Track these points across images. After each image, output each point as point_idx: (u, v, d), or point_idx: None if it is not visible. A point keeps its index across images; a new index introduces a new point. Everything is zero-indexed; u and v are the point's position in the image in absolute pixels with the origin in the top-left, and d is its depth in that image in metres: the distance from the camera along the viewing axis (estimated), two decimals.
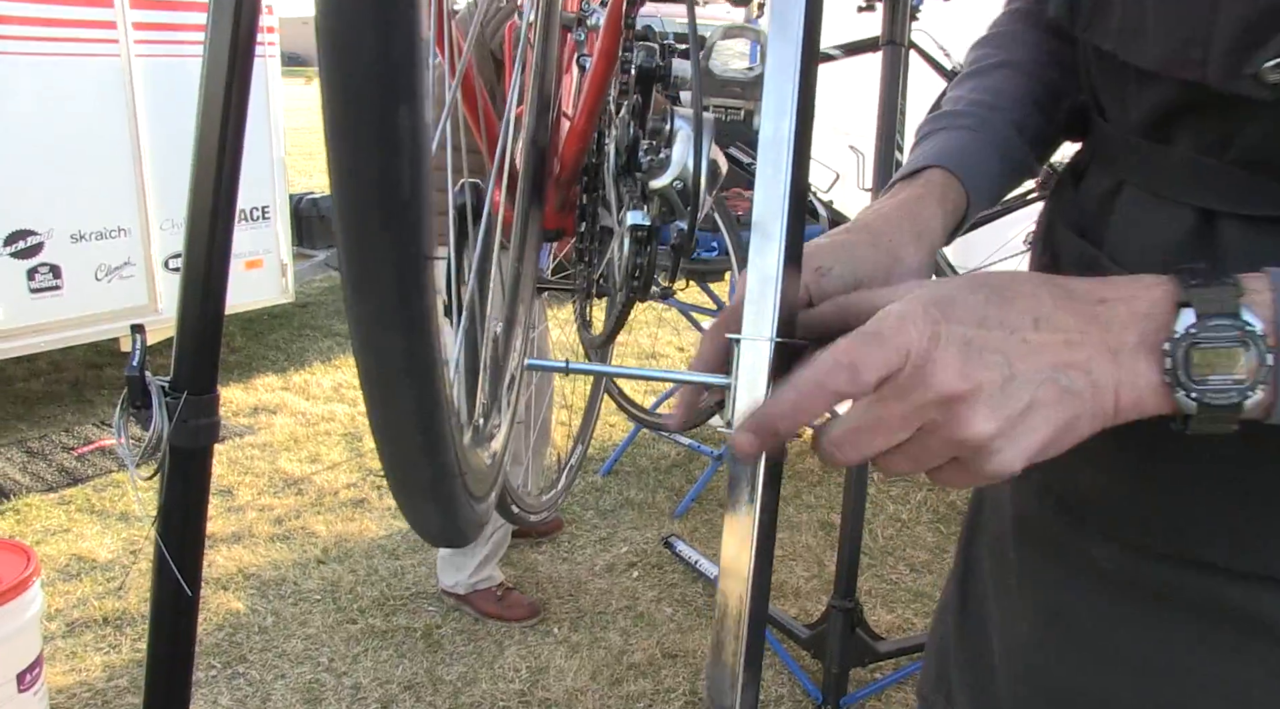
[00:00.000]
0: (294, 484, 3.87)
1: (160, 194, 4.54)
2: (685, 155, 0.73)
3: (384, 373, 0.42)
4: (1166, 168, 0.64)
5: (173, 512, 1.35)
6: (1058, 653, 0.72)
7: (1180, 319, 0.49)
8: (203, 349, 1.31)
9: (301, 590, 3.11)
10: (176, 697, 1.41)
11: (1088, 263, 0.68)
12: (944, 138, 0.77)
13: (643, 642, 2.90)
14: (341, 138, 0.37)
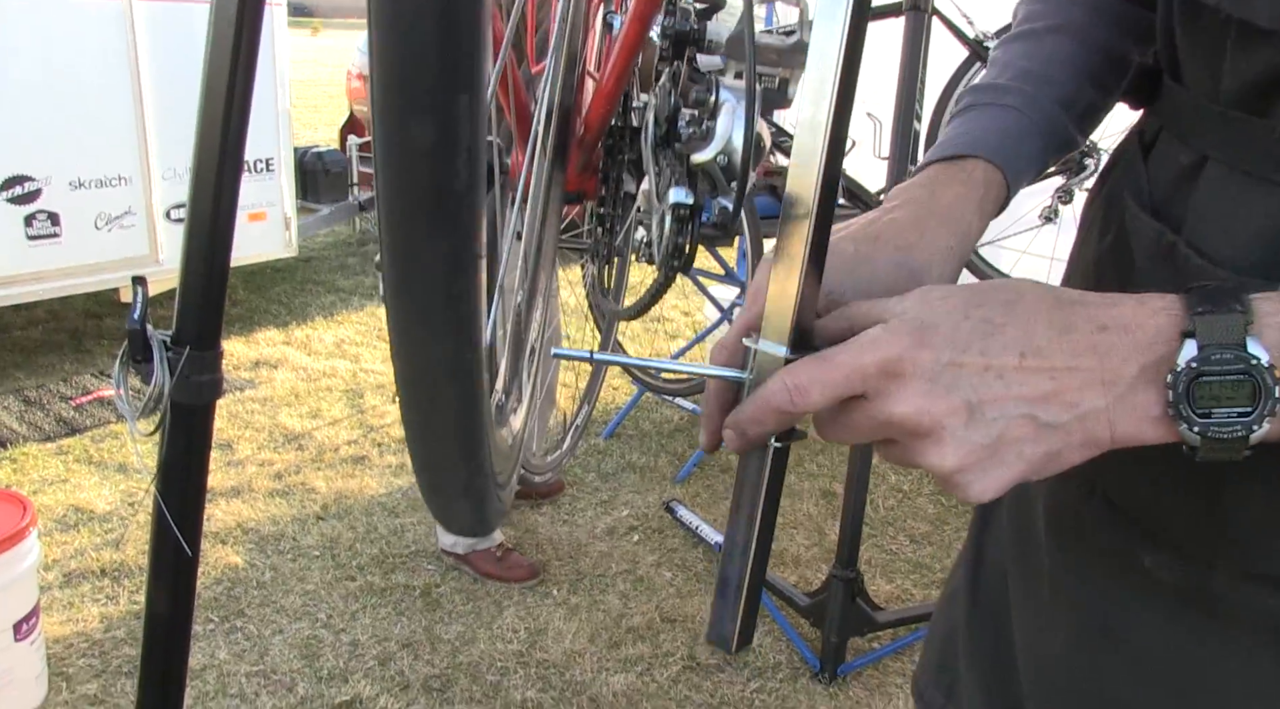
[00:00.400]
0: (294, 439, 3.85)
1: (162, 142, 4.48)
2: (730, 128, 0.69)
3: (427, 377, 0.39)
4: (1264, 144, 0.57)
5: (173, 468, 1.32)
6: (1103, 669, 0.69)
7: (1183, 351, 0.47)
8: (207, 303, 1.27)
9: (300, 546, 3.10)
10: (175, 656, 1.39)
11: (1164, 251, 0.62)
12: (989, 118, 0.72)
13: (642, 605, 2.89)
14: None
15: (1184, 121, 0.64)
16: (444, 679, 2.52)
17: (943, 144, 0.72)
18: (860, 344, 0.50)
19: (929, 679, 0.88)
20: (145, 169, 4.45)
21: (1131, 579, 0.57)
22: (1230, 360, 0.46)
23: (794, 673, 2.64)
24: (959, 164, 0.69)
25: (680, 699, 2.51)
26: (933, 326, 0.49)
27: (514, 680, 2.54)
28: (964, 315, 0.50)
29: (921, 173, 0.71)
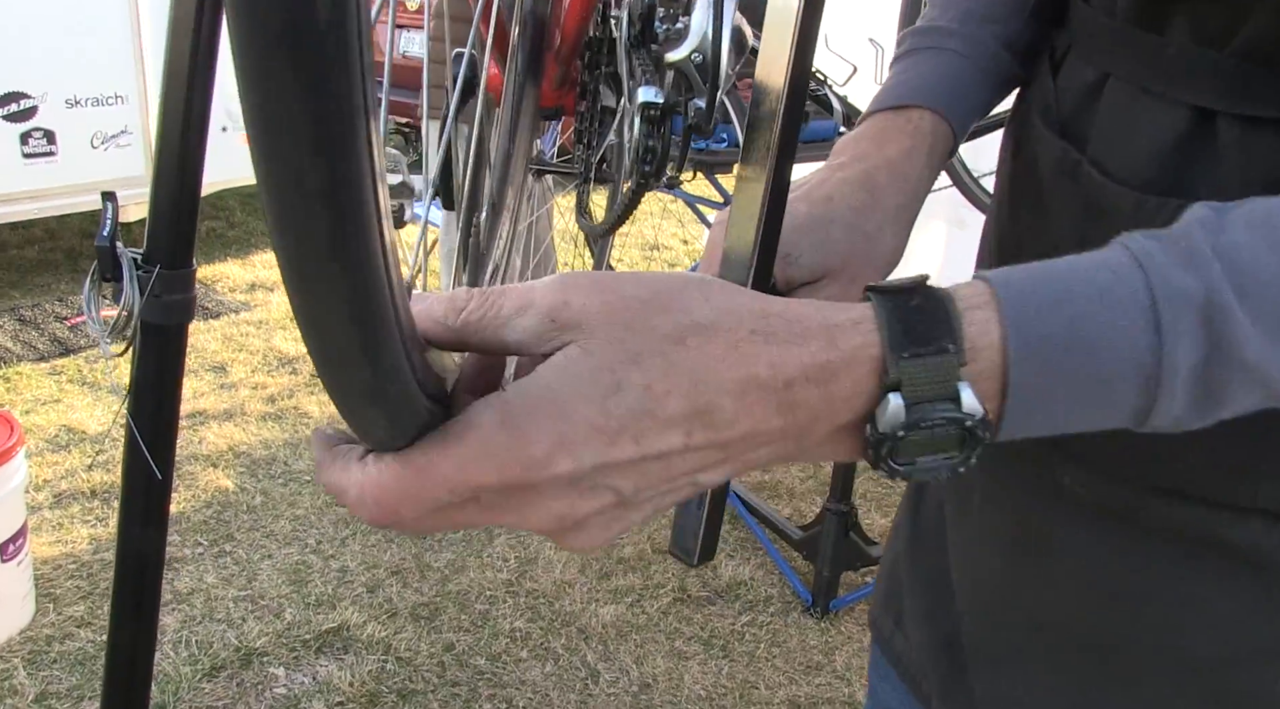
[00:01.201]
0: (289, 363, 3.82)
1: (160, 61, 4.37)
2: (705, 24, 0.64)
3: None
4: (1159, 60, 0.56)
5: (144, 391, 1.28)
6: (1030, 581, 0.69)
7: (889, 411, 0.39)
8: (178, 222, 1.23)
9: (292, 471, 3.09)
10: (148, 582, 1.37)
11: (1068, 169, 0.61)
12: (933, 63, 0.70)
13: (633, 537, 2.88)
14: None
15: (1087, 39, 0.64)
16: (432, 607, 2.52)
17: (887, 91, 0.70)
18: (468, 454, 0.38)
19: (879, 609, 0.89)
20: (142, 87, 4.37)
21: (1054, 497, 0.56)
22: (941, 421, 0.39)
23: (785, 607, 2.64)
24: (905, 114, 0.68)
25: (670, 631, 2.51)
26: (567, 412, 0.37)
27: (503, 610, 2.54)
28: (614, 385, 0.38)
29: (867, 123, 0.69)
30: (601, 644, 2.45)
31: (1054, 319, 0.39)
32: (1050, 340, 0.39)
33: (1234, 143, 0.54)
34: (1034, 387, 0.40)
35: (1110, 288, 0.40)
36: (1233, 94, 0.54)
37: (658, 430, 0.38)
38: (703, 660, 2.42)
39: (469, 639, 2.42)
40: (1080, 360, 0.39)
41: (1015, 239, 0.71)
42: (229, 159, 3.42)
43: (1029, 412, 0.40)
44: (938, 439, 0.40)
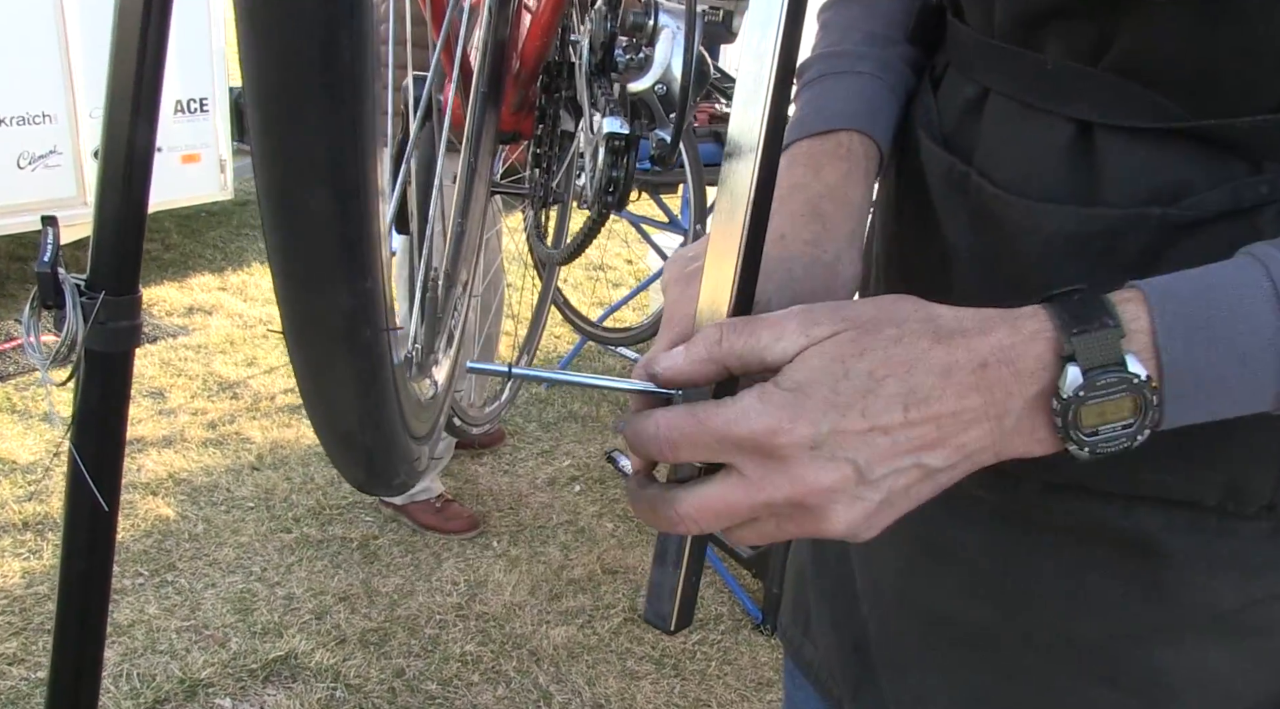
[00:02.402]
0: (229, 388, 3.76)
1: (89, 79, 4.30)
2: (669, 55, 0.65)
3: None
4: (1037, 76, 0.60)
5: (89, 420, 1.25)
6: (929, 583, 0.72)
7: (1068, 378, 0.46)
8: (123, 246, 1.20)
9: (234, 497, 3.03)
10: (93, 615, 1.33)
11: (956, 181, 0.65)
12: (849, 87, 0.72)
13: (583, 557, 2.87)
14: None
15: (967, 56, 0.67)
16: (381, 633, 2.49)
17: (807, 118, 0.71)
18: (734, 413, 0.47)
19: (788, 619, 0.92)
20: (71, 106, 4.27)
21: (953, 501, 0.56)
22: (1114, 382, 0.46)
23: (736, 625, 2.64)
24: (833, 138, 0.68)
25: (621, 651, 2.50)
26: (807, 393, 0.47)
27: (453, 634, 2.51)
28: (843, 372, 0.47)
29: (795, 150, 0.69)
30: (553, 666, 2.43)
31: (1191, 304, 0.46)
32: (1190, 320, 0.46)
33: (1113, 153, 0.57)
34: (1183, 363, 0.46)
35: (1237, 281, 0.46)
36: (1108, 107, 0.57)
37: (880, 405, 0.46)
38: (655, 680, 2.42)
39: (419, 664, 2.39)
40: (1217, 339, 0.46)
41: (901, 247, 0.74)
42: (165, 180, 3.36)
43: (1184, 388, 0.46)
44: (1113, 402, 0.46)
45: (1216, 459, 0.58)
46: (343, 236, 0.36)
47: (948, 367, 0.47)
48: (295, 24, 0.30)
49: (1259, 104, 0.53)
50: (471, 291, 0.78)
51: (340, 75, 0.32)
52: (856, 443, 0.46)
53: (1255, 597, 0.60)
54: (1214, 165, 0.55)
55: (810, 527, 0.48)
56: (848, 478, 0.47)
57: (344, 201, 0.35)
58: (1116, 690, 0.65)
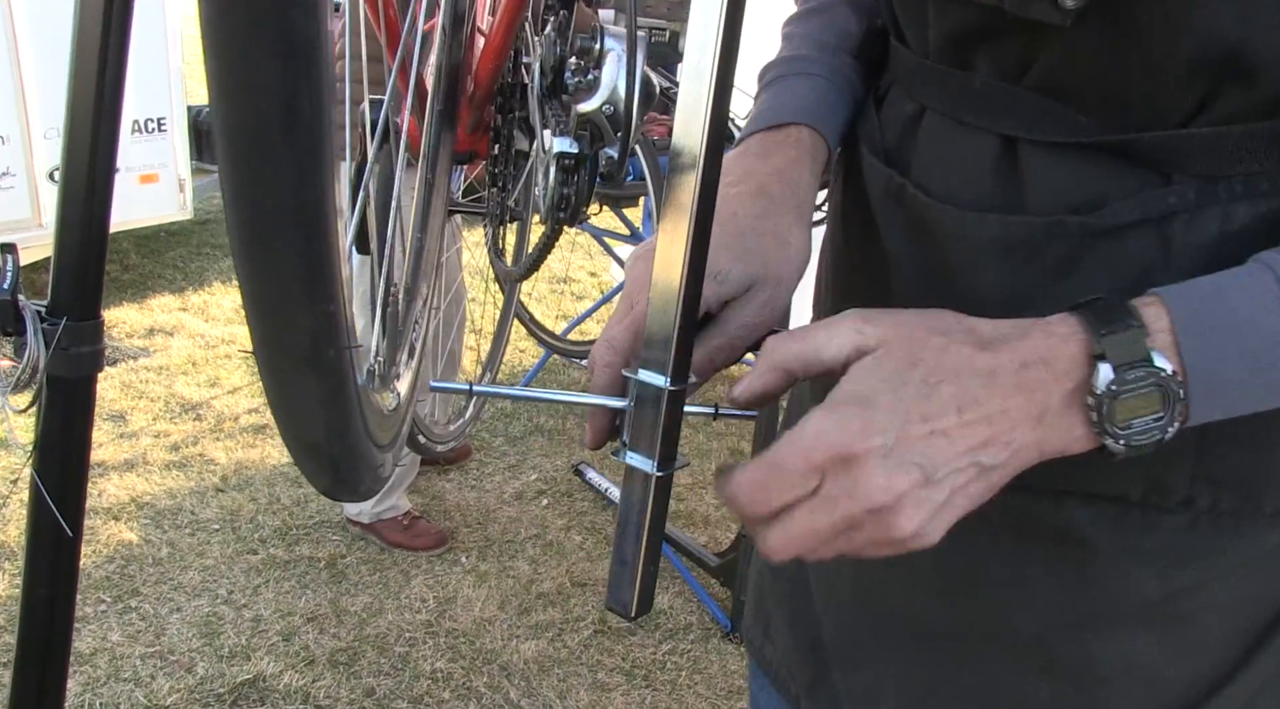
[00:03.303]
0: (192, 409, 3.74)
1: (43, 99, 4.26)
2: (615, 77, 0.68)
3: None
4: (966, 94, 0.65)
5: (51, 446, 1.26)
6: (878, 580, 0.76)
7: (1099, 375, 0.51)
8: (85, 271, 1.21)
9: (199, 520, 3.02)
10: (56, 643, 1.33)
11: (894, 192, 0.70)
12: (801, 87, 0.76)
13: (552, 570, 2.88)
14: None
15: (906, 77, 0.72)
16: (351, 652, 2.49)
17: (761, 114, 0.75)
18: (803, 441, 0.51)
19: (750, 621, 0.96)
20: (25, 127, 4.24)
21: None
22: (1142, 377, 0.50)
23: (705, 633, 2.66)
24: (784, 131, 0.73)
25: (592, 664, 2.51)
26: (873, 403, 0.51)
27: (423, 651, 2.52)
28: (901, 381, 0.51)
29: (748, 142, 0.74)
30: (524, 680, 2.44)
31: (1205, 305, 0.51)
32: (1205, 319, 0.51)
33: (1036, 166, 0.61)
34: (1201, 359, 0.50)
35: (1246, 284, 0.51)
36: (1031, 123, 0.61)
37: (937, 409, 0.50)
38: (626, 691, 2.44)
39: (389, 683, 2.40)
40: (1229, 336, 0.50)
41: (849, 256, 0.78)
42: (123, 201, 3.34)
43: (1205, 383, 0.51)
44: (1143, 396, 0.50)
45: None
46: (305, 267, 0.39)
47: (992, 370, 0.51)
48: (259, 85, 0.33)
49: (1166, 121, 0.57)
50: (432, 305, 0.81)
51: (301, 128, 0.35)
52: (921, 447, 0.51)
53: (1177, 587, 0.64)
54: (1127, 178, 0.58)
55: (882, 533, 0.52)
56: (916, 482, 0.51)
57: (306, 238, 0.38)
58: (1053, 679, 0.68)
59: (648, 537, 0.58)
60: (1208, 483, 0.62)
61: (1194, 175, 0.57)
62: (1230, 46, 0.53)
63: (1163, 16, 0.53)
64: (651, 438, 0.57)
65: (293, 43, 0.34)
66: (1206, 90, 0.55)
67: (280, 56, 0.34)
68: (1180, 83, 0.55)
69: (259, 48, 0.33)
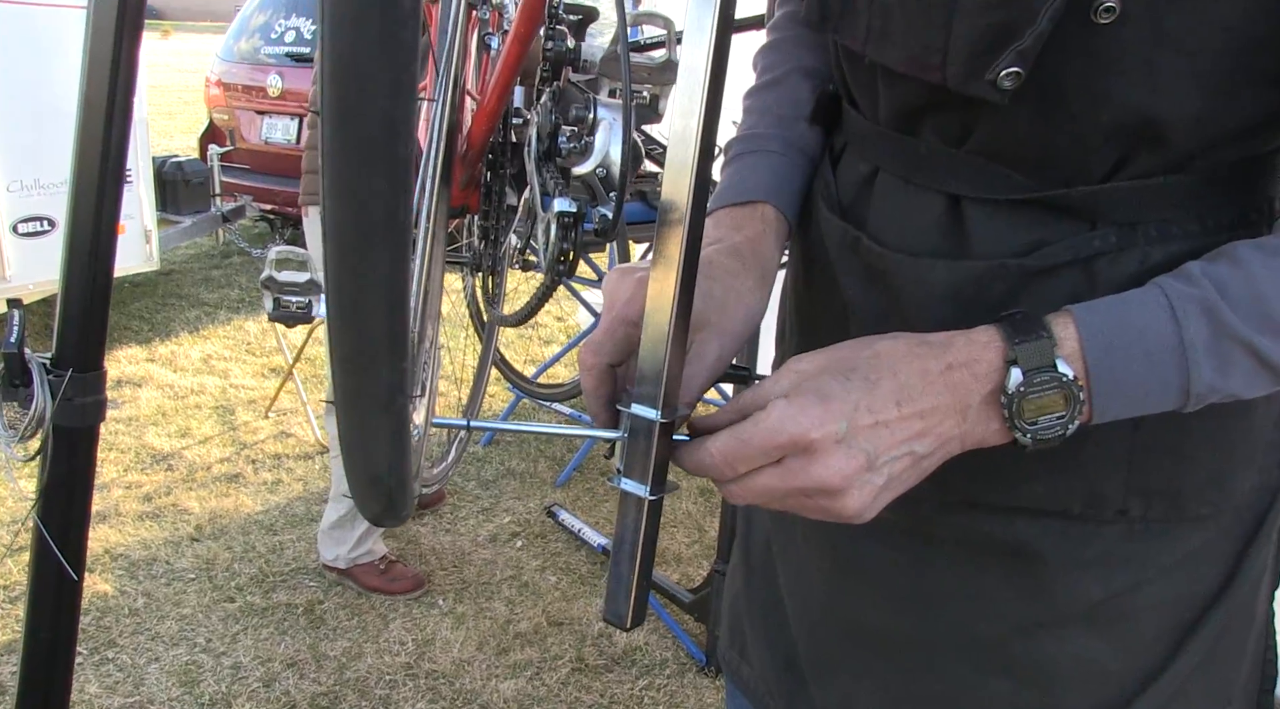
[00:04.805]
0: (163, 460, 3.76)
1: (8, 152, 4.30)
2: (608, 143, 0.76)
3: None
4: (915, 157, 0.72)
5: (56, 494, 1.31)
6: (848, 597, 0.84)
7: (1011, 377, 0.59)
8: (89, 324, 1.27)
9: (174, 570, 3.04)
10: (57, 685, 1.37)
11: (850, 243, 0.77)
12: (760, 164, 0.84)
13: (528, 611, 2.93)
14: None
15: (859, 140, 0.80)
16: (331, 697, 2.52)
17: (729, 190, 0.83)
18: (771, 422, 0.59)
19: (726, 644, 1.03)
20: None
21: (862, 525, 0.66)
22: (1047, 381, 0.59)
23: (681, 668, 2.71)
24: (749, 207, 0.81)
25: (571, 701, 2.56)
26: (828, 395, 0.59)
27: (403, 693, 2.55)
28: (846, 378, 0.60)
29: (719, 215, 0.82)
30: None
31: (1108, 317, 0.60)
32: (1108, 329, 0.59)
33: (978, 218, 0.69)
34: (1105, 365, 0.59)
35: (1143, 299, 0.60)
36: (973, 183, 0.69)
37: (880, 402, 0.59)
38: None
39: None
40: (1130, 343, 0.59)
41: (810, 301, 0.86)
42: None
43: (1107, 385, 0.59)
44: (1048, 397, 0.59)
45: (1076, 469, 0.70)
46: (390, 333, 0.48)
47: (923, 371, 0.60)
48: (369, 194, 0.43)
49: (1090, 177, 0.66)
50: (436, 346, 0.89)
51: (396, 229, 0.45)
52: (868, 435, 0.59)
53: (1117, 590, 0.72)
54: (1057, 226, 0.67)
55: (829, 505, 0.60)
56: (862, 466, 0.58)
57: (392, 311, 0.47)
58: (1013, 680, 0.76)
59: (641, 555, 0.65)
60: (1139, 493, 0.70)
61: (1116, 222, 0.66)
62: (1143, 116, 0.62)
63: (1086, 92, 0.62)
64: (644, 466, 0.64)
65: (394, 164, 0.44)
66: (1124, 151, 0.64)
67: (385, 174, 0.43)
68: (1101, 146, 0.64)
69: (371, 166, 0.43)
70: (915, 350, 0.61)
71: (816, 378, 0.60)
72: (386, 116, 0.42)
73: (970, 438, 0.61)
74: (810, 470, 0.58)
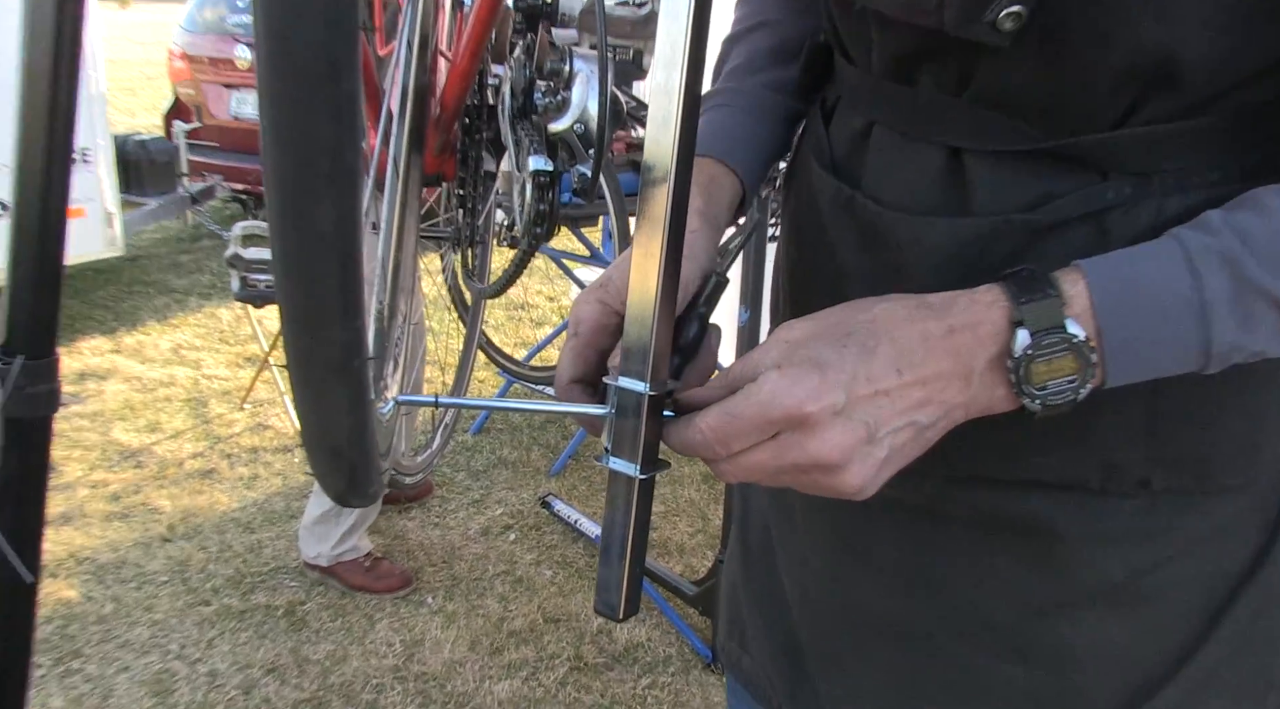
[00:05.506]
0: (132, 456, 3.75)
1: None
2: (585, 97, 0.75)
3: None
4: (912, 108, 0.72)
5: (9, 489, 1.30)
6: (851, 581, 0.83)
7: (1018, 340, 0.58)
8: (40, 308, 1.26)
9: (145, 572, 3.03)
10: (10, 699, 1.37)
11: (844, 202, 0.77)
12: (705, 122, 0.84)
13: (523, 607, 2.93)
14: None
15: (852, 93, 0.79)
16: (315, 702, 2.52)
17: None
18: (764, 395, 0.58)
19: (725, 636, 1.03)
20: None
21: (865, 504, 0.65)
22: (1056, 342, 0.57)
23: (685, 665, 2.72)
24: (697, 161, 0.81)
25: (570, 702, 2.56)
26: (824, 364, 0.58)
27: (391, 697, 2.55)
28: (841, 345, 0.59)
29: None
30: None
31: (1121, 272, 0.58)
32: (1121, 285, 0.58)
33: (980, 172, 0.68)
34: (1118, 323, 0.58)
35: (1158, 253, 0.59)
36: (973, 134, 0.68)
37: (879, 370, 0.58)
38: None
39: None
40: (1146, 300, 0.57)
41: (804, 268, 0.85)
42: None
43: (1120, 346, 0.58)
44: (1058, 360, 0.57)
45: (1091, 439, 0.69)
46: (341, 288, 0.47)
47: (924, 334, 0.59)
48: (310, 133, 0.41)
49: (1099, 124, 0.65)
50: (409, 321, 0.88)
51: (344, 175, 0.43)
52: (868, 406, 0.58)
53: (1139, 568, 0.71)
54: (1066, 178, 0.66)
55: (827, 482, 0.59)
56: (862, 438, 0.58)
57: (343, 264, 0.46)
58: (1028, 665, 0.75)
59: (633, 540, 0.64)
60: (1161, 464, 0.69)
61: (1129, 172, 0.65)
62: (1156, 57, 0.60)
63: (1094, 33, 0.61)
64: (634, 443, 0.63)
65: (339, 104, 0.42)
66: (1136, 96, 0.63)
67: (330, 117, 0.42)
68: (1111, 90, 0.63)
69: (314, 107, 0.42)
70: (914, 313, 0.60)
71: (810, 345, 0.59)
72: (325, 49, 0.41)
73: (975, 405, 0.60)
74: (807, 445, 0.58)
